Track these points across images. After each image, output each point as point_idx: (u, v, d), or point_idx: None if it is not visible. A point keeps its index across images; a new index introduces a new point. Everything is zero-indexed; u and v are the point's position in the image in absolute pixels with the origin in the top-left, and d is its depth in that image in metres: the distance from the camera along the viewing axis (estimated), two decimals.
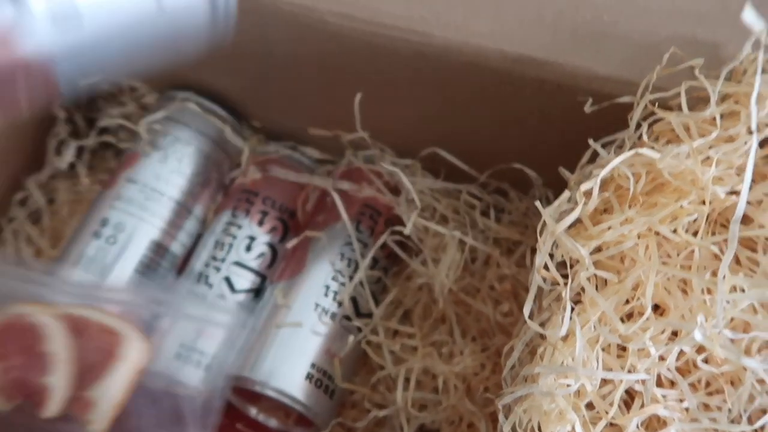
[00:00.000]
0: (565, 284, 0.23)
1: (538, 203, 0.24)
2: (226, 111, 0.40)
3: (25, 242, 0.41)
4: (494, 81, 0.30)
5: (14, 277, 0.29)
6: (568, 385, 0.22)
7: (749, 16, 0.23)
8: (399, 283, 0.37)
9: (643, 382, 0.22)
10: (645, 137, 0.24)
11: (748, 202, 0.23)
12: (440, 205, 0.37)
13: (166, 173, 0.38)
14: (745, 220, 0.24)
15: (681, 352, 0.23)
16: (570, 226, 0.24)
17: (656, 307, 0.24)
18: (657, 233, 0.23)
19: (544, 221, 0.24)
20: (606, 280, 0.24)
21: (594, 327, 0.23)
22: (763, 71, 0.26)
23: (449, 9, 0.29)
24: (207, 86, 0.40)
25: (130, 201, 0.37)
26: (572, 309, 0.23)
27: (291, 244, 0.36)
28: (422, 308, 0.36)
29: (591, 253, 0.23)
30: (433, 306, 0.37)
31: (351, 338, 0.33)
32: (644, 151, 0.22)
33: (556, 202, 0.24)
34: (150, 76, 0.40)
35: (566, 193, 0.24)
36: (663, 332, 0.23)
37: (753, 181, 0.24)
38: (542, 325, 0.25)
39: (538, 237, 0.24)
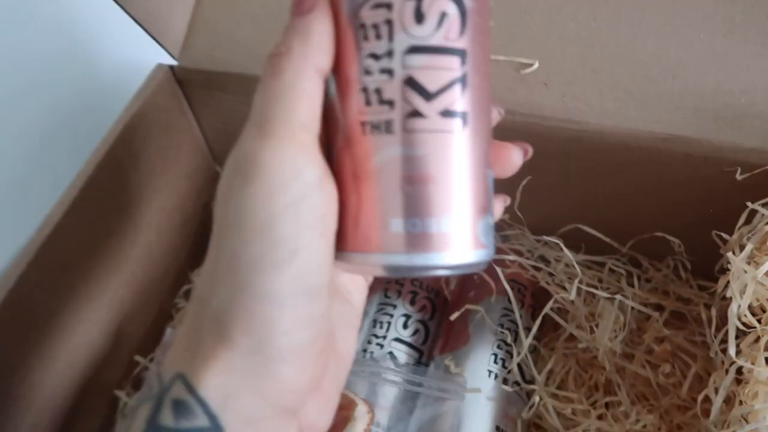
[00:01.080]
0: (761, 324, 0.26)
1: (730, 254, 0.27)
2: None
3: None
4: (643, 159, 0.34)
5: None
6: None
7: None
8: (554, 350, 0.39)
9: None
10: None
11: None
12: (585, 277, 0.39)
13: None
14: None
15: None
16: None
17: None
18: None
19: (734, 271, 0.27)
20: None
21: None
22: None
23: (602, 99, 0.34)
24: None
25: None
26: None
27: (454, 316, 0.39)
28: (575, 374, 0.38)
29: None
30: (585, 373, 0.39)
31: (526, 402, 0.35)
32: None
33: (743, 253, 0.27)
34: None
35: (748, 246, 0.27)
36: None
37: None
38: (740, 369, 0.27)
39: (731, 284, 0.27)
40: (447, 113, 0.20)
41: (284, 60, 0.20)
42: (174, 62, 0.40)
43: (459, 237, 0.20)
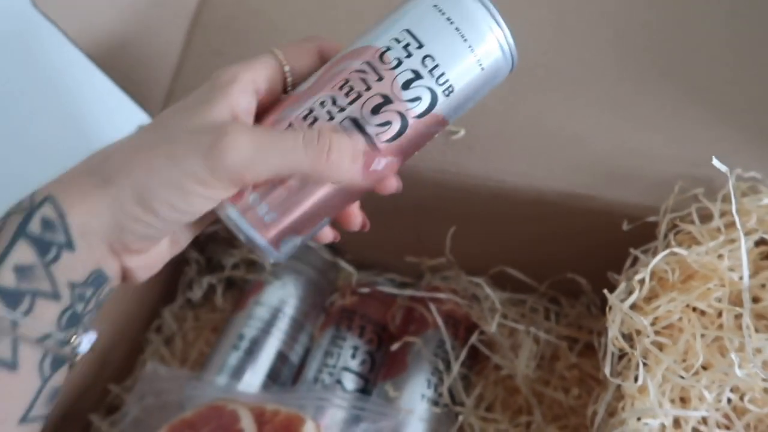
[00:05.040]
0: (632, 348, 0.32)
1: (606, 291, 0.33)
2: (329, 248, 0.50)
3: (159, 361, 0.49)
4: (551, 212, 0.40)
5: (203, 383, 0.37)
6: (646, 424, 0.29)
7: (717, 163, 0.34)
8: (482, 378, 0.44)
9: (705, 420, 0.30)
10: (673, 243, 0.34)
11: (756, 286, 0.33)
12: (510, 312, 0.45)
13: (285, 296, 0.47)
14: (756, 299, 0.33)
15: (730, 401, 0.31)
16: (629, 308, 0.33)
17: (703, 368, 0.32)
18: (694, 309, 0.32)
19: (610, 305, 0.33)
20: (661, 347, 0.32)
21: (661, 380, 0.31)
22: (743, 195, 0.37)
23: (516, 161, 0.40)
24: None
25: (260, 319, 0.45)
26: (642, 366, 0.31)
27: (394, 347, 0.44)
28: (502, 399, 0.44)
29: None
30: (510, 398, 0.44)
31: (454, 422, 0.40)
32: (678, 249, 0.32)
33: (618, 290, 0.33)
34: None
35: (623, 284, 0.34)
36: (713, 383, 0.31)
37: (756, 272, 0.34)
38: (618, 386, 0.33)
39: (607, 317, 0.33)
40: None
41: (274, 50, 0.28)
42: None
43: (269, 230, 0.27)
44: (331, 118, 0.27)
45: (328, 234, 0.32)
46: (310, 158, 0.26)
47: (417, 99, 0.27)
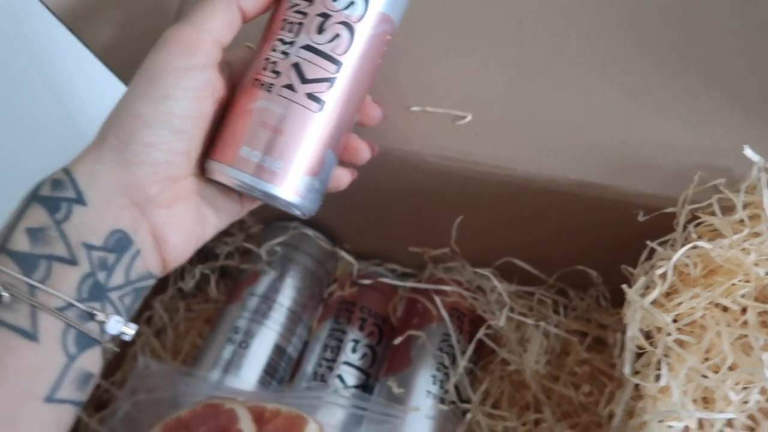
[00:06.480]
0: (652, 346, 0.30)
1: (624, 286, 0.31)
2: (327, 237, 0.48)
3: (150, 354, 0.47)
4: (562, 201, 0.39)
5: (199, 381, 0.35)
6: (670, 426, 0.28)
7: (749, 152, 0.32)
8: (487, 373, 0.43)
9: (730, 422, 0.28)
10: (694, 236, 0.33)
11: None
12: (516, 305, 0.44)
13: (282, 287, 0.45)
14: None
15: (757, 401, 0.29)
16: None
17: (728, 368, 0.31)
18: (717, 306, 0.31)
19: (629, 301, 0.31)
20: (682, 344, 0.31)
21: (684, 380, 0.29)
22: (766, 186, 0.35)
23: (526, 149, 0.38)
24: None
25: (256, 311, 0.43)
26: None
27: (397, 341, 0.42)
28: (509, 395, 0.42)
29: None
30: (516, 393, 0.43)
31: (461, 420, 0.38)
32: (701, 243, 0.31)
33: (636, 285, 0.32)
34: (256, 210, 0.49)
35: (642, 279, 0.32)
36: (738, 384, 0.29)
37: None
38: (637, 386, 0.31)
39: (625, 314, 0.31)
40: (311, 96, 0.29)
41: None
42: None
43: (283, 179, 0.28)
44: (287, 55, 0.28)
45: (344, 176, 0.33)
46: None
47: (351, 4, 0.29)
